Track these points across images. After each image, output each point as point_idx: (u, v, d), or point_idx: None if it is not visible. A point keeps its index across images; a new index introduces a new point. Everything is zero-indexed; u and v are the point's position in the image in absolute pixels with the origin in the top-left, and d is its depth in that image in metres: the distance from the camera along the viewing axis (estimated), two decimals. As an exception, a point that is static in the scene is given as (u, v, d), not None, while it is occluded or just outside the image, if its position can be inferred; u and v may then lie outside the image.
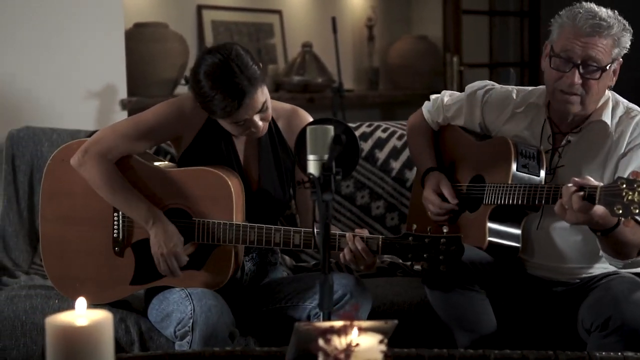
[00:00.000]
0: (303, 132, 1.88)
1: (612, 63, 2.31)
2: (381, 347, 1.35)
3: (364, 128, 3.31)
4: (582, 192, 2.04)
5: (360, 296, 2.39)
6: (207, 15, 4.68)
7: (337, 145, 1.69)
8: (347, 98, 4.74)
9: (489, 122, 2.59)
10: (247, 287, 2.56)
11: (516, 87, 2.61)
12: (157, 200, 2.44)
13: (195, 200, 2.41)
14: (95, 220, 2.49)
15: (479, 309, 2.37)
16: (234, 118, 2.32)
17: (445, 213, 2.55)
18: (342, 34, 5.07)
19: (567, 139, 2.42)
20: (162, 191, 2.44)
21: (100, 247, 2.49)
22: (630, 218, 1.96)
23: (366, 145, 3.26)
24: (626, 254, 2.23)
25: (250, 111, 2.31)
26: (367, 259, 2.25)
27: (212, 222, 2.38)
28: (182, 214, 2.43)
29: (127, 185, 2.44)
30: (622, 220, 2.03)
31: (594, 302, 2.27)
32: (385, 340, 1.36)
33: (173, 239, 2.38)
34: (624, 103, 2.43)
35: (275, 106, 2.48)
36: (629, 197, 1.93)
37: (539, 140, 2.46)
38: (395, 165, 3.23)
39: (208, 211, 2.40)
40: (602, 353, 1.78)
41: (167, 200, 2.44)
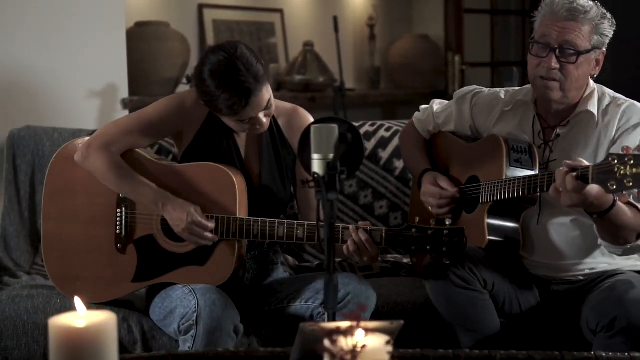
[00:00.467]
0: (307, 131, 1.87)
1: (592, 50, 2.32)
2: (387, 348, 1.34)
3: (367, 127, 3.30)
4: (575, 173, 2.03)
5: (363, 295, 2.39)
6: (209, 14, 4.67)
7: (342, 144, 1.68)
8: (349, 97, 4.74)
9: (480, 125, 2.60)
10: (249, 287, 2.56)
11: (504, 89, 2.63)
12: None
13: (199, 195, 2.41)
14: (98, 217, 2.49)
15: (481, 308, 2.36)
16: (239, 116, 2.33)
17: (447, 204, 2.54)
18: (344, 33, 5.06)
19: (555, 132, 2.42)
20: (166, 186, 2.44)
21: (102, 245, 2.49)
22: (625, 193, 1.94)
23: (369, 145, 3.25)
24: (624, 237, 2.21)
25: (256, 109, 2.32)
26: (370, 251, 2.25)
27: (216, 216, 2.38)
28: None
29: (132, 172, 2.44)
30: (619, 197, 2.01)
31: (598, 303, 2.26)
32: (392, 341, 1.35)
33: (186, 210, 2.36)
34: (610, 94, 2.43)
35: (275, 104, 2.48)
36: (622, 172, 1.92)
37: (531, 136, 2.46)
38: (399, 164, 3.22)
39: (212, 206, 2.40)
40: (609, 353, 1.77)
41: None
